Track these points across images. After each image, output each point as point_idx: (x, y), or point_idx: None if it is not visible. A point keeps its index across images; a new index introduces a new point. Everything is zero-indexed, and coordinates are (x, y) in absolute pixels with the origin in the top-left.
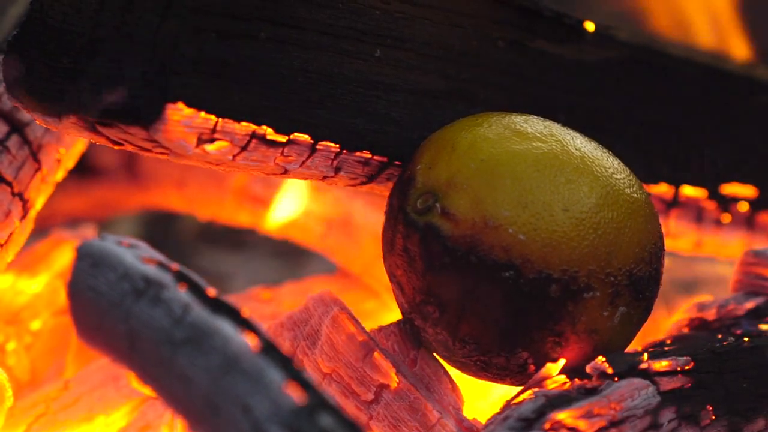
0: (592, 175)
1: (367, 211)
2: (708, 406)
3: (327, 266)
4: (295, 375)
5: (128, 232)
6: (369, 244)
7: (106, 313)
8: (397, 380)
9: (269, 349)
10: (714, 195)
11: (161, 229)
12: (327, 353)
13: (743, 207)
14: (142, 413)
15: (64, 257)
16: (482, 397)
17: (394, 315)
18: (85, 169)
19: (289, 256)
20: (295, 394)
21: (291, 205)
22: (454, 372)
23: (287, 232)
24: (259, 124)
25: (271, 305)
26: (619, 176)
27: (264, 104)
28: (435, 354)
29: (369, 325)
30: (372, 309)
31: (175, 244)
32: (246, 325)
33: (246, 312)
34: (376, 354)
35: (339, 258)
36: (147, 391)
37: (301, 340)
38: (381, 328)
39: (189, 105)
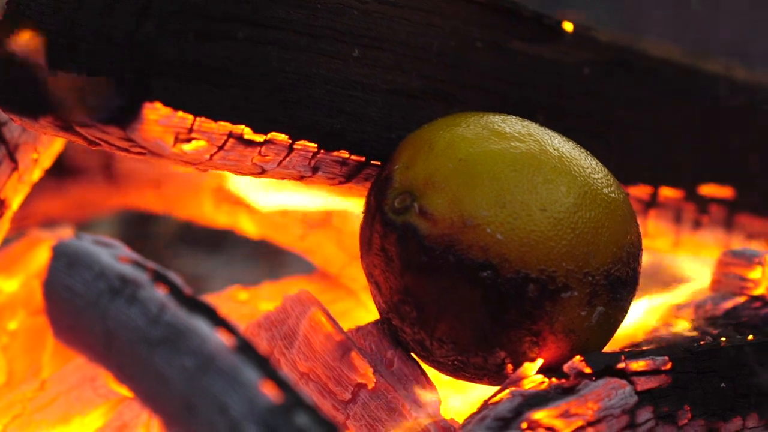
0: (570, 174)
1: (346, 211)
2: (685, 406)
3: (306, 267)
4: (272, 374)
5: (106, 233)
6: (347, 245)
7: (82, 312)
8: (375, 380)
9: (245, 348)
10: (692, 196)
11: (139, 231)
12: (304, 353)
13: (721, 208)
14: (118, 413)
15: (40, 257)
16: (460, 397)
17: (371, 315)
18: (62, 170)
19: (267, 258)
20: (271, 393)
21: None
22: (431, 372)
23: (265, 232)
24: (236, 123)
25: (248, 305)
26: (597, 176)
27: (241, 104)
28: (412, 354)
29: (346, 325)
30: (349, 309)
31: (154, 246)
32: (222, 324)
33: (222, 311)
34: (353, 354)
35: (317, 258)
36: (124, 391)
37: (278, 339)
38: (358, 328)
39: (167, 105)
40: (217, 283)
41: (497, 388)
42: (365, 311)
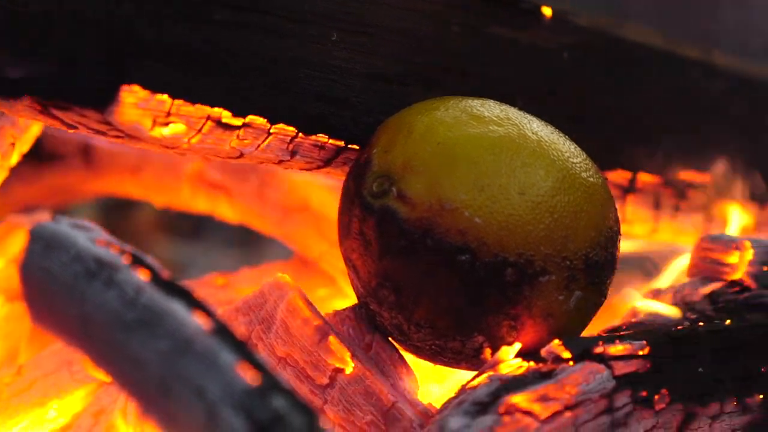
0: (548, 158)
1: (324, 196)
2: (663, 390)
3: (285, 253)
4: (248, 357)
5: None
6: (326, 230)
7: (59, 294)
8: (352, 364)
9: (222, 331)
10: (671, 181)
11: (118, 217)
12: (282, 337)
13: (700, 193)
14: (96, 398)
15: (17, 243)
16: (438, 381)
17: (350, 301)
18: (40, 156)
19: (246, 243)
20: (248, 376)
21: None
22: (409, 357)
23: (244, 218)
24: (214, 106)
25: (226, 291)
26: (575, 160)
27: (220, 87)
28: (390, 338)
29: (325, 311)
30: (328, 295)
31: (133, 233)
32: (199, 307)
33: (199, 295)
34: (331, 338)
35: (296, 244)
36: (101, 376)
37: (256, 324)
38: (336, 313)
39: (145, 87)
40: (197, 269)
41: (475, 372)
42: (344, 297)
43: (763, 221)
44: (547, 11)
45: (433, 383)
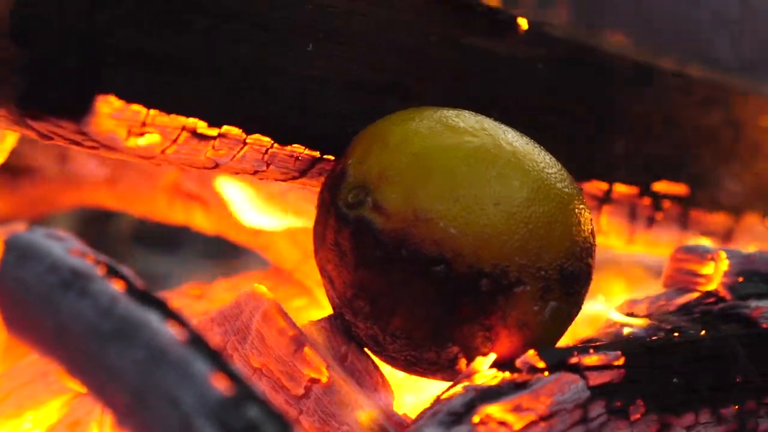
0: (523, 169)
1: (300, 207)
2: (638, 401)
3: (261, 264)
4: (223, 367)
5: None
6: (301, 241)
7: (34, 305)
8: (328, 375)
9: (196, 341)
10: (646, 192)
11: (96, 229)
12: (257, 348)
13: (675, 204)
14: (72, 409)
15: None
16: (413, 392)
17: (325, 312)
18: (16, 168)
19: (222, 254)
20: (222, 386)
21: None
22: (385, 367)
23: (220, 229)
24: (190, 116)
25: (202, 302)
26: (550, 171)
27: (195, 97)
28: (366, 349)
29: (301, 321)
30: (304, 305)
31: (110, 245)
32: (173, 317)
33: (174, 305)
34: (306, 349)
35: (271, 255)
36: (77, 387)
37: (231, 335)
38: (312, 323)
39: (120, 97)
40: (174, 281)
41: (450, 383)
42: (320, 308)
43: (740, 231)
44: (523, 23)
45: (409, 394)
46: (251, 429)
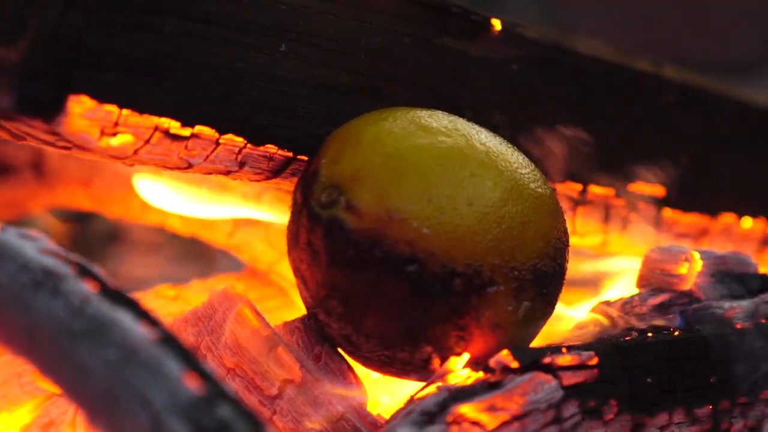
0: (496, 169)
1: (275, 208)
2: (611, 401)
3: (236, 265)
4: (194, 366)
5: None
6: (276, 241)
7: (6, 304)
8: (301, 375)
9: (168, 340)
10: (621, 193)
11: (72, 231)
12: (231, 348)
13: (650, 205)
14: (45, 410)
15: None
16: (387, 392)
17: (300, 312)
18: None
19: (199, 255)
20: (193, 385)
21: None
22: (358, 367)
23: (194, 230)
24: (162, 117)
25: (177, 303)
26: (523, 171)
27: (168, 97)
28: (339, 349)
29: (276, 322)
30: (279, 306)
31: (87, 246)
32: (145, 317)
33: (145, 304)
34: (279, 349)
35: (245, 255)
36: (51, 387)
37: (205, 335)
38: (285, 324)
39: (92, 97)
40: (150, 282)
41: (424, 383)
42: (294, 309)
43: (716, 232)
44: (496, 24)
45: (383, 394)
46: (223, 428)
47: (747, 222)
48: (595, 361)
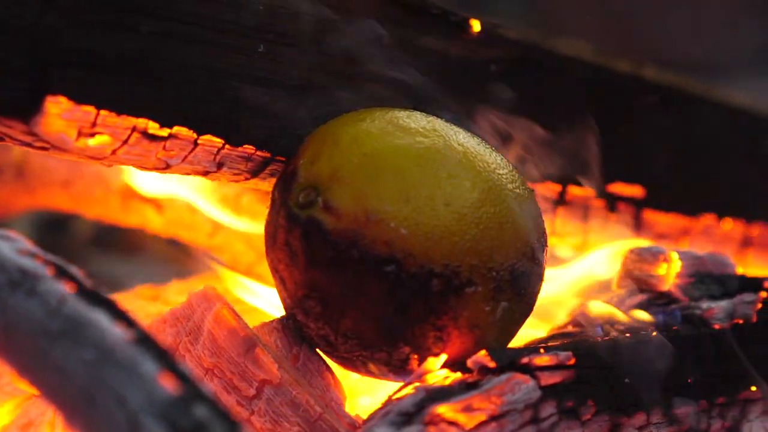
0: (474, 170)
1: (254, 208)
2: (589, 401)
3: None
4: (171, 366)
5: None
6: (255, 242)
7: None
8: (279, 376)
9: (145, 340)
10: (601, 194)
11: (54, 233)
12: (209, 348)
13: (630, 206)
14: (24, 411)
15: None
16: (366, 393)
17: (279, 314)
18: None
19: (180, 256)
20: (170, 385)
21: None
22: (337, 368)
23: (174, 230)
24: (140, 117)
25: (156, 304)
26: (501, 171)
27: (146, 98)
28: (318, 350)
29: (254, 323)
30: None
31: (68, 248)
32: (122, 317)
33: (122, 305)
34: (258, 349)
35: (225, 256)
36: (29, 388)
37: (183, 335)
38: (264, 324)
39: (70, 98)
40: (131, 283)
41: (402, 383)
42: (273, 310)
43: (696, 233)
44: (476, 24)
45: (362, 394)
46: (199, 428)
47: (727, 223)
48: (572, 361)
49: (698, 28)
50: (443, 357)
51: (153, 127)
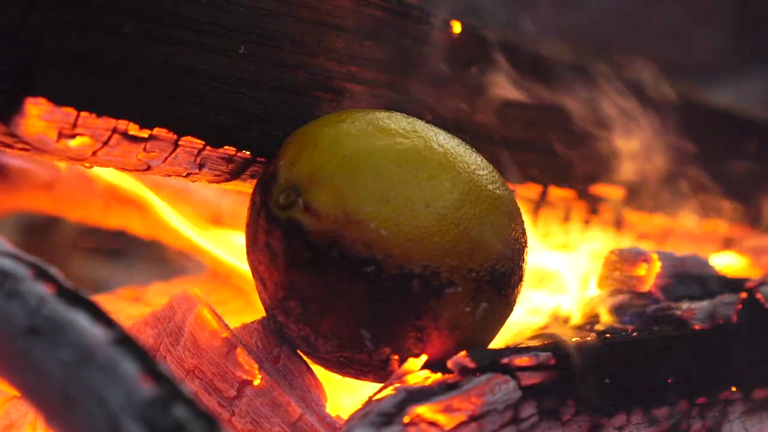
0: (454, 171)
1: (236, 210)
2: (569, 401)
3: (200, 268)
4: (150, 367)
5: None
6: (237, 245)
7: None
8: (260, 377)
9: (124, 341)
10: (583, 195)
11: (38, 236)
12: (190, 350)
13: (611, 207)
14: (6, 412)
15: None
16: (348, 393)
17: (260, 315)
18: None
19: (162, 260)
20: (149, 386)
21: None
22: (318, 369)
23: (156, 233)
24: (120, 118)
25: (138, 305)
26: (481, 173)
27: (126, 99)
28: (299, 351)
29: (236, 325)
30: (240, 308)
31: (52, 250)
32: (101, 317)
33: (102, 306)
34: (238, 350)
35: (208, 258)
36: (10, 390)
37: (164, 337)
38: (245, 326)
39: (50, 99)
40: (114, 285)
41: (383, 384)
42: (256, 311)
43: (678, 234)
44: (456, 26)
45: (343, 395)
46: (178, 428)
47: (708, 224)
48: (552, 362)
49: (680, 30)
50: (423, 358)
51: (133, 128)
